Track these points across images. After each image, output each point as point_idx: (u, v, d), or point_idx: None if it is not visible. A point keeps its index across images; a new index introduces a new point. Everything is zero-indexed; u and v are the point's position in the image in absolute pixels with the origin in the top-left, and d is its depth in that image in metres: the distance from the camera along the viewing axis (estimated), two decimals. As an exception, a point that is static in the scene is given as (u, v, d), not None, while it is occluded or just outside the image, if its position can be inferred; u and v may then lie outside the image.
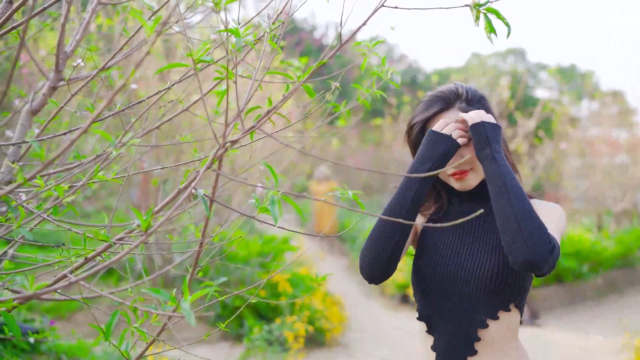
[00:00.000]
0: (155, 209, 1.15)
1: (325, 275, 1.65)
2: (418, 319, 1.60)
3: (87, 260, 1.24)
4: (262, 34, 1.42)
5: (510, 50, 27.46)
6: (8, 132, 2.39)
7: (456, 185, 1.57)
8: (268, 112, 1.23)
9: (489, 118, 1.49)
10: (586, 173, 10.66)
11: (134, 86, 2.08)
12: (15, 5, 1.30)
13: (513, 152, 9.54)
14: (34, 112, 1.90)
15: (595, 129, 11.48)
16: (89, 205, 8.31)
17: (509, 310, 1.50)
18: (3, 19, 1.29)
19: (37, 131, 1.89)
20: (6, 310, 1.05)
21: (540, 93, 25.24)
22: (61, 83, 1.88)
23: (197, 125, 4.72)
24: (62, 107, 1.72)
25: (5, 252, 1.58)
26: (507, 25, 1.20)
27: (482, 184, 1.58)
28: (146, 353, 1.46)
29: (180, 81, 1.46)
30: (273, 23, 1.44)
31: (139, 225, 1.10)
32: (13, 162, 1.64)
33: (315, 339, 5.32)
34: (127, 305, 1.15)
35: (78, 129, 1.61)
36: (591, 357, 5.37)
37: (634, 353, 3.85)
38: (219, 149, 1.20)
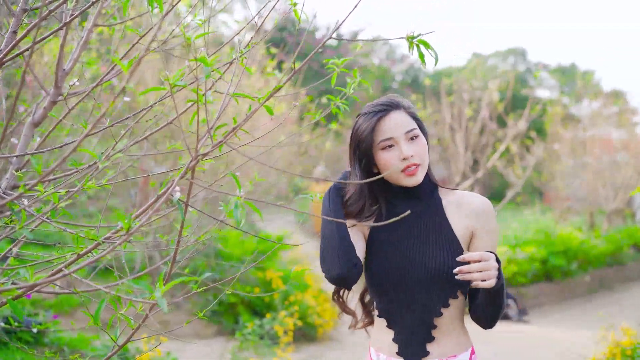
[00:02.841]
0: (136, 213, 1.36)
1: (303, 269, 1.85)
2: (378, 316, 1.74)
3: (79, 256, 1.45)
4: (234, 57, 1.62)
5: (511, 50, 27.57)
6: (13, 140, 2.59)
7: (408, 182, 1.65)
8: (233, 129, 1.44)
9: (494, 264, 1.54)
10: (579, 173, 10.82)
11: (126, 99, 2.30)
12: (19, 36, 1.50)
13: (505, 152, 9.73)
14: (35, 124, 2.11)
15: (593, 129, 11.60)
16: (91, 206, 8.58)
17: (457, 297, 1.67)
18: (9, 48, 1.50)
19: (38, 139, 2.11)
20: (11, 299, 1.26)
21: (541, 93, 25.34)
22: (59, 98, 2.10)
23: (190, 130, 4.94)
24: (60, 121, 1.93)
25: (10, 250, 1.79)
26: (436, 55, 1.40)
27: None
28: (142, 346, 1.67)
29: (155, 104, 1.67)
30: (247, 46, 1.65)
31: (122, 227, 1.31)
32: (17, 170, 1.85)
33: (307, 334, 5.54)
34: (113, 294, 1.35)
35: (73, 142, 1.81)
36: (577, 351, 5.56)
37: (607, 347, 4.04)
38: (191, 161, 1.41)
